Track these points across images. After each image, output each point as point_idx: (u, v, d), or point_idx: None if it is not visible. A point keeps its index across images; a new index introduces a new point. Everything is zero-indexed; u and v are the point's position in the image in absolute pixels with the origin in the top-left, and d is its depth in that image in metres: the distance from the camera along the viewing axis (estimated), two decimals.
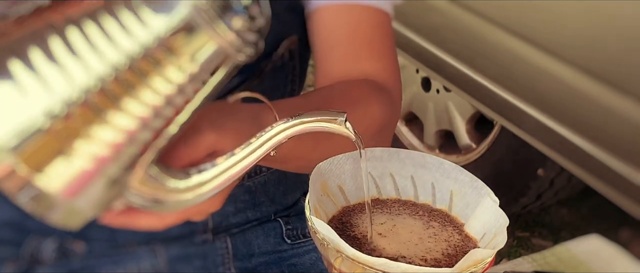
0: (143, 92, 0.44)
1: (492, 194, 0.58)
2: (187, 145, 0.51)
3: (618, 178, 1.43)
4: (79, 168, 0.43)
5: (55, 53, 0.43)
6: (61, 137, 0.43)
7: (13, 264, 0.76)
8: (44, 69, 0.43)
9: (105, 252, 0.76)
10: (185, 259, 0.78)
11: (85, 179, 0.44)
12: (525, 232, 2.15)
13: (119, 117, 0.44)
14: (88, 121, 0.43)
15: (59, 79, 0.43)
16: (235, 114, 0.56)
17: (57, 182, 0.43)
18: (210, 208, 0.54)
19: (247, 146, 0.51)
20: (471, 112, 2.01)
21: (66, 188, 0.43)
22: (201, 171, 0.51)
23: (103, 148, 0.44)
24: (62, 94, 0.42)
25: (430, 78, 2.11)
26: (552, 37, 1.52)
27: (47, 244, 0.75)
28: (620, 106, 1.40)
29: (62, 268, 0.76)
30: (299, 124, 0.52)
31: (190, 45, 0.45)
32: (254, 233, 0.82)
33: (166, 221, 0.52)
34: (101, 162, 0.44)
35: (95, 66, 0.43)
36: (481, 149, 1.99)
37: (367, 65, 0.76)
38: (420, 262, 0.54)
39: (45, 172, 0.43)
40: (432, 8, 1.83)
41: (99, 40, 0.43)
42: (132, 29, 0.44)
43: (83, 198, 0.44)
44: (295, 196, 0.87)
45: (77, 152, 0.43)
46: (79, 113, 0.43)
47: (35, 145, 0.42)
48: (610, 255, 0.83)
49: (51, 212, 0.45)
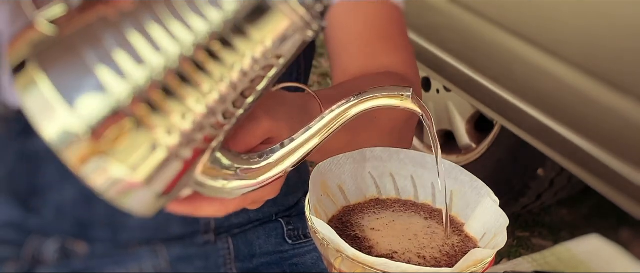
0: (214, 74, 0.44)
1: (492, 194, 0.58)
2: (244, 131, 0.51)
3: (618, 178, 1.43)
4: (156, 157, 0.44)
5: (130, 39, 0.43)
6: (137, 125, 0.43)
7: (14, 264, 0.76)
8: (119, 56, 0.43)
9: (107, 252, 0.76)
10: (187, 259, 0.79)
11: (160, 167, 0.44)
12: (525, 232, 2.15)
13: (193, 101, 0.44)
14: (162, 107, 0.43)
15: (134, 65, 0.43)
16: (286, 102, 0.56)
17: (138, 170, 0.44)
18: (269, 195, 0.54)
19: (309, 128, 0.51)
20: (471, 112, 2.01)
21: (144, 177, 0.44)
22: (265, 156, 0.51)
23: (175, 135, 0.44)
24: (139, 80, 0.43)
25: (430, 78, 2.12)
26: (552, 37, 1.52)
27: (48, 245, 0.76)
28: (620, 106, 1.40)
29: (64, 269, 0.76)
30: (365, 100, 0.52)
31: (260, 24, 0.45)
32: (255, 234, 0.82)
33: (229, 208, 0.52)
34: (174, 149, 0.44)
35: (171, 49, 0.43)
36: (481, 149, 1.99)
37: (386, 60, 0.76)
38: (417, 260, 0.54)
39: (123, 158, 0.43)
40: (432, 8, 1.83)
41: (173, 23, 0.43)
42: (204, 9, 0.44)
43: (158, 186, 0.45)
44: (296, 196, 0.87)
45: (153, 141, 0.43)
46: (152, 99, 0.43)
47: (114, 132, 0.43)
48: (610, 255, 0.83)
49: (126, 198, 0.45)
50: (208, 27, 0.44)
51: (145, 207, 0.47)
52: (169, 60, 0.43)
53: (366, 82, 0.72)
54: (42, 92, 0.42)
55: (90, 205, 0.73)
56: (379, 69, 0.75)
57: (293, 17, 0.45)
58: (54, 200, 0.73)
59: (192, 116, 0.44)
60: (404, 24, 0.80)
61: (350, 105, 0.52)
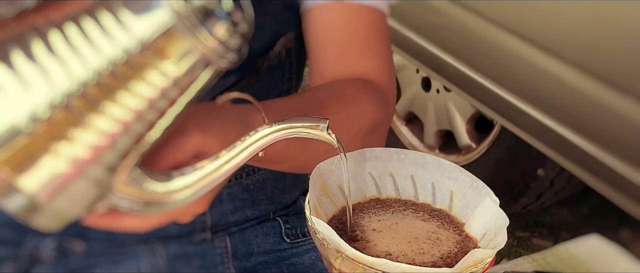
0: (125, 95, 0.44)
1: (492, 194, 0.58)
2: (173, 146, 0.51)
3: (618, 178, 1.43)
4: (59, 170, 0.43)
5: (37, 56, 0.43)
6: (42, 139, 0.43)
7: (12, 264, 0.76)
8: (26, 72, 0.42)
9: (104, 251, 0.76)
10: (185, 258, 0.78)
11: (65, 181, 0.44)
12: (525, 232, 2.15)
13: (101, 121, 0.44)
14: (69, 124, 0.43)
15: (41, 82, 0.42)
16: (222, 116, 0.56)
17: (38, 183, 0.43)
18: (196, 209, 0.54)
19: (231, 149, 0.51)
20: (471, 112, 2.01)
21: (46, 189, 0.43)
22: (184, 174, 0.50)
23: (84, 151, 0.44)
24: (44, 97, 0.42)
25: (430, 78, 2.12)
26: (552, 37, 1.52)
27: (46, 243, 0.75)
28: (620, 106, 1.40)
29: (61, 268, 0.76)
30: (282, 129, 0.52)
31: (172, 49, 0.45)
32: (253, 232, 0.82)
33: (150, 223, 0.52)
34: (82, 164, 0.44)
35: (77, 69, 0.43)
36: (481, 149, 1.99)
37: (361, 64, 0.76)
38: (417, 259, 0.54)
39: (26, 173, 0.42)
40: (432, 8, 1.83)
41: (81, 43, 0.43)
42: (113, 33, 0.43)
43: (63, 200, 0.44)
44: (294, 195, 0.87)
45: (58, 154, 0.43)
46: (60, 116, 0.43)
47: (16, 148, 0.42)
48: (610, 255, 0.83)
49: (33, 214, 0.45)
50: (116, 50, 0.43)
51: (52, 223, 0.46)
52: (74, 81, 0.43)
53: (330, 91, 0.72)
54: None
55: None
56: (353, 74, 0.75)
57: (202, 49, 0.45)
58: None
59: (103, 135, 0.44)
60: (385, 28, 0.79)
61: (270, 131, 0.52)
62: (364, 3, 0.76)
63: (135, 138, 0.46)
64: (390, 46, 0.80)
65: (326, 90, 0.72)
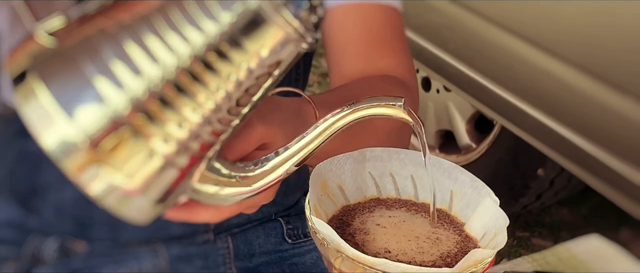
0: (210, 85, 0.45)
1: (492, 194, 0.58)
2: (239, 138, 0.51)
3: (618, 178, 1.43)
4: (153, 165, 0.44)
5: (128, 50, 0.44)
6: (134, 134, 0.44)
7: (14, 264, 0.76)
8: (117, 68, 0.43)
9: (106, 251, 0.76)
10: (187, 259, 0.79)
11: (156, 176, 0.45)
12: (525, 232, 2.15)
13: (189, 111, 0.45)
14: (158, 117, 0.44)
15: (131, 76, 0.43)
16: (281, 108, 0.57)
17: (133, 178, 0.44)
18: (264, 200, 0.54)
19: (303, 137, 0.52)
20: (471, 112, 2.01)
21: (140, 184, 0.44)
22: (260, 164, 0.51)
23: (171, 144, 0.45)
24: (136, 90, 0.43)
25: (430, 78, 2.12)
26: (552, 37, 1.52)
27: (48, 244, 0.76)
28: (620, 106, 1.40)
29: (64, 268, 0.76)
30: (358, 110, 0.52)
31: (255, 36, 0.45)
32: (255, 233, 0.82)
33: (224, 213, 0.52)
34: (171, 156, 0.45)
35: (167, 61, 0.44)
36: (481, 149, 1.99)
37: (383, 62, 0.76)
38: (416, 258, 0.54)
39: (120, 167, 0.44)
40: (432, 8, 1.83)
41: (169, 35, 0.44)
42: (200, 21, 0.44)
43: (154, 193, 0.46)
44: (296, 196, 0.87)
45: (149, 149, 0.44)
46: (149, 108, 0.44)
47: (111, 142, 0.43)
48: (610, 255, 0.83)
49: (124, 207, 0.46)
50: (204, 39, 0.44)
51: (142, 214, 0.47)
52: (165, 71, 0.44)
53: (362, 86, 0.72)
54: (42, 102, 0.43)
55: (90, 204, 0.73)
56: (376, 72, 0.75)
57: (287, 30, 0.46)
58: (54, 199, 0.73)
59: (188, 125, 0.45)
60: (401, 26, 0.80)
61: (343, 114, 0.52)
62: (380, 3, 0.76)
63: (221, 126, 0.47)
64: (407, 44, 0.80)
65: (358, 86, 0.73)
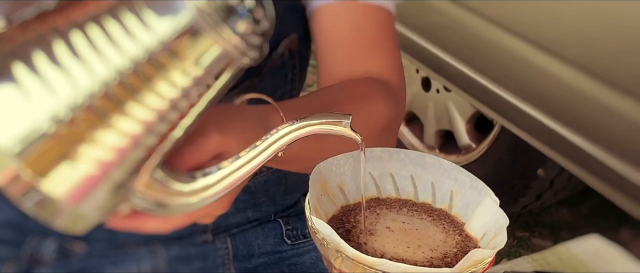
0: (148, 96, 0.44)
1: (492, 194, 0.58)
2: (193, 147, 0.51)
3: (618, 178, 1.43)
4: (84, 173, 0.43)
5: (59, 57, 0.43)
6: (66, 142, 0.42)
7: (13, 264, 0.76)
8: (48, 73, 0.42)
9: (105, 252, 0.76)
10: (185, 260, 0.78)
11: (91, 184, 0.44)
12: (525, 232, 2.15)
13: (124, 122, 0.44)
14: (93, 125, 0.43)
15: (64, 83, 0.42)
16: (241, 116, 0.56)
17: (62, 186, 0.43)
18: (216, 210, 0.54)
19: (252, 149, 0.51)
20: (471, 112, 2.01)
21: (71, 193, 0.43)
22: (206, 174, 0.50)
23: (108, 152, 0.43)
24: (67, 98, 0.42)
25: (430, 78, 2.11)
26: (552, 37, 1.52)
27: (47, 244, 0.75)
28: (620, 106, 1.40)
29: (62, 269, 0.76)
30: (304, 126, 0.52)
31: (194, 48, 0.45)
32: (254, 234, 0.82)
33: (172, 224, 0.52)
34: (106, 166, 0.44)
35: (100, 70, 0.43)
36: (481, 149, 1.99)
37: (371, 64, 0.76)
38: (416, 258, 0.54)
39: (50, 176, 0.42)
40: (432, 8, 1.83)
41: (103, 44, 0.43)
42: (136, 33, 0.44)
43: (88, 203, 0.44)
44: (295, 196, 0.87)
45: (82, 157, 0.43)
46: (83, 117, 0.43)
47: (40, 150, 0.42)
48: (610, 255, 0.83)
49: (56, 216, 0.45)
50: (141, 49, 0.43)
51: (76, 224, 0.46)
52: (101, 82, 0.43)
53: (342, 90, 0.72)
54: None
55: None
56: (363, 74, 0.75)
57: (225, 45, 0.45)
58: None
59: (126, 137, 0.44)
60: (392, 27, 0.79)
61: (292, 128, 0.52)
62: (371, 3, 0.76)
63: (158, 138, 0.46)
64: (398, 46, 0.80)
65: (339, 89, 0.72)
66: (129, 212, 0.50)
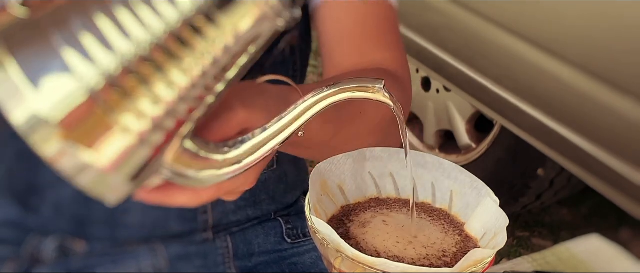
0: (184, 61, 0.44)
1: (492, 194, 0.58)
2: (219, 122, 0.51)
3: (618, 178, 1.43)
4: (125, 142, 0.43)
5: (99, 24, 0.43)
6: (106, 110, 0.42)
7: (13, 263, 0.76)
8: (86, 41, 0.42)
9: (105, 251, 0.76)
10: (186, 258, 0.79)
11: (128, 153, 0.43)
12: (525, 232, 2.15)
13: (160, 87, 0.44)
14: (131, 93, 0.43)
15: (102, 51, 0.42)
16: (265, 93, 0.56)
17: (104, 156, 0.43)
18: (243, 186, 0.54)
19: (282, 118, 0.51)
20: (471, 112, 2.01)
21: (111, 162, 0.43)
22: (238, 144, 0.50)
23: (145, 121, 0.43)
24: (104, 66, 0.42)
25: (430, 78, 2.11)
26: (552, 37, 1.52)
27: (47, 243, 0.75)
28: (620, 106, 1.40)
29: (62, 268, 0.76)
30: (335, 93, 0.51)
31: (231, 12, 0.44)
32: (254, 233, 0.82)
33: (202, 198, 0.51)
34: (144, 134, 0.44)
35: (139, 36, 0.43)
36: (481, 149, 1.99)
37: (377, 56, 0.76)
38: (416, 258, 0.54)
39: (91, 144, 0.42)
40: (432, 8, 1.83)
41: (141, 9, 0.43)
42: None
43: (125, 171, 0.44)
44: (295, 195, 0.87)
45: (122, 126, 0.43)
46: (122, 84, 0.43)
47: (81, 119, 0.42)
48: (610, 255, 0.83)
49: (96, 185, 0.44)
50: (177, 14, 0.43)
51: (114, 193, 0.46)
52: (138, 47, 0.43)
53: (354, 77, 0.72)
54: (10, 76, 0.42)
55: (89, 203, 0.73)
56: (369, 66, 0.75)
57: (262, 7, 0.45)
58: (53, 198, 0.73)
59: (162, 102, 0.44)
60: (396, 22, 0.80)
61: (322, 96, 0.51)
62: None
63: (193, 104, 0.46)
64: (402, 40, 0.81)
65: (352, 76, 0.72)
66: (158, 184, 0.49)
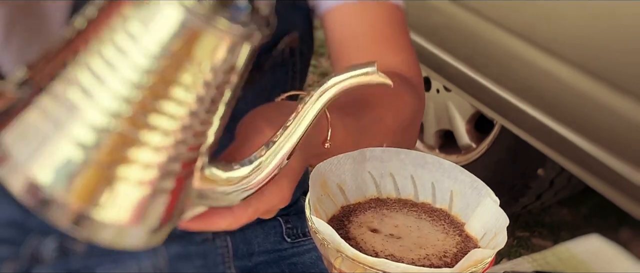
0: (169, 104, 0.45)
1: (492, 194, 0.58)
2: (248, 144, 0.53)
3: (618, 178, 1.43)
4: (134, 195, 0.44)
5: (81, 81, 0.43)
6: (107, 167, 0.43)
7: (13, 263, 0.76)
8: (72, 98, 0.43)
9: (105, 250, 0.76)
10: (186, 258, 0.79)
11: (143, 202, 0.45)
12: (525, 232, 2.15)
13: (157, 133, 0.44)
14: (130, 145, 0.44)
15: (89, 107, 0.43)
16: (286, 110, 0.57)
17: (117, 212, 0.44)
18: (279, 203, 0.55)
19: (290, 122, 0.52)
20: (471, 112, 2.01)
21: (130, 215, 0.44)
22: (255, 157, 0.51)
23: (152, 169, 0.45)
24: (95, 122, 0.43)
25: (430, 78, 2.11)
26: (552, 37, 1.52)
27: (47, 243, 0.75)
28: (620, 106, 1.40)
29: (62, 268, 0.76)
30: (331, 86, 0.51)
31: (199, 48, 0.45)
32: (253, 232, 0.82)
33: (241, 220, 0.53)
34: (153, 181, 0.45)
35: (118, 88, 0.43)
36: (481, 149, 1.99)
37: (389, 60, 0.77)
38: (416, 258, 0.54)
39: (103, 205, 0.43)
40: (432, 8, 1.83)
41: (108, 73, 0.43)
42: (137, 43, 0.44)
43: (149, 221, 0.46)
44: (295, 195, 0.87)
45: (133, 180, 0.44)
46: (117, 140, 0.43)
47: (85, 181, 0.43)
48: (610, 255, 0.84)
49: (126, 241, 0.46)
50: (148, 65, 0.44)
51: (146, 242, 0.47)
52: (122, 110, 0.43)
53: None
54: (16, 167, 0.43)
55: None
56: (382, 70, 0.75)
57: (228, 37, 0.45)
58: None
59: (163, 149, 0.45)
60: (405, 24, 0.81)
61: (317, 95, 0.51)
62: (383, 0, 0.77)
63: (196, 139, 0.47)
64: (411, 41, 0.81)
65: None
66: (196, 213, 0.51)
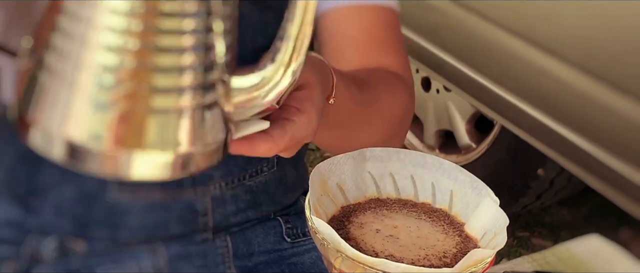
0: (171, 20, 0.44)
1: (492, 194, 0.58)
2: None
3: (618, 178, 1.44)
4: (184, 122, 0.44)
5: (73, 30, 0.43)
6: (150, 105, 0.43)
7: (13, 263, 0.76)
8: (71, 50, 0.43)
9: (105, 250, 0.76)
10: (186, 258, 0.79)
11: (197, 125, 0.45)
12: (525, 232, 2.15)
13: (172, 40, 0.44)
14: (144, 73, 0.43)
15: (93, 51, 0.43)
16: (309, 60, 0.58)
17: (165, 140, 0.44)
18: (309, 135, 0.55)
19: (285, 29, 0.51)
20: (471, 112, 2.01)
21: (183, 144, 0.44)
22: (273, 57, 0.51)
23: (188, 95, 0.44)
24: (106, 62, 0.43)
25: (430, 78, 2.12)
26: (552, 37, 1.52)
27: (47, 243, 0.75)
28: (620, 106, 1.40)
29: (62, 268, 0.76)
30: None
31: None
32: (253, 232, 0.82)
33: (279, 146, 0.53)
34: (196, 104, 0.45)
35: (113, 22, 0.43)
36: (481, 149, 1.99)
37: (382, 62, 0.78)
38: (416, 258, 0.54)
39: (147, 139, 0.43)
40: (432, 8, 1.83)
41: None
42: None
43: (200, 143, 0.45)
44: (295, 195, 0.87)
45: (169, 108, 0.44)
46: (145, 80, 0.43)
47: (135, 127, 0.43)
48: (610, 255, 0.84)
49: (187, 166, 0.46)
50: None
51: (210, 161, 0.47)
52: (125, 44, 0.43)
53: (371, 71, 0.74)
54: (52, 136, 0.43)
55: (89, 204, 0.73)
56: (379, 69, 0.76)
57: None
58: (54, 199, 0.73)
59: (189, 71, 0.44)
60: (399, 26, 0.82)
61: None
62: (378, 3, 0.78)
63: (211, 52, 0.46)
64: (404, 44, 0.82)
65: (366, 71, 0.75)
66: (238, 136, 0.51)
